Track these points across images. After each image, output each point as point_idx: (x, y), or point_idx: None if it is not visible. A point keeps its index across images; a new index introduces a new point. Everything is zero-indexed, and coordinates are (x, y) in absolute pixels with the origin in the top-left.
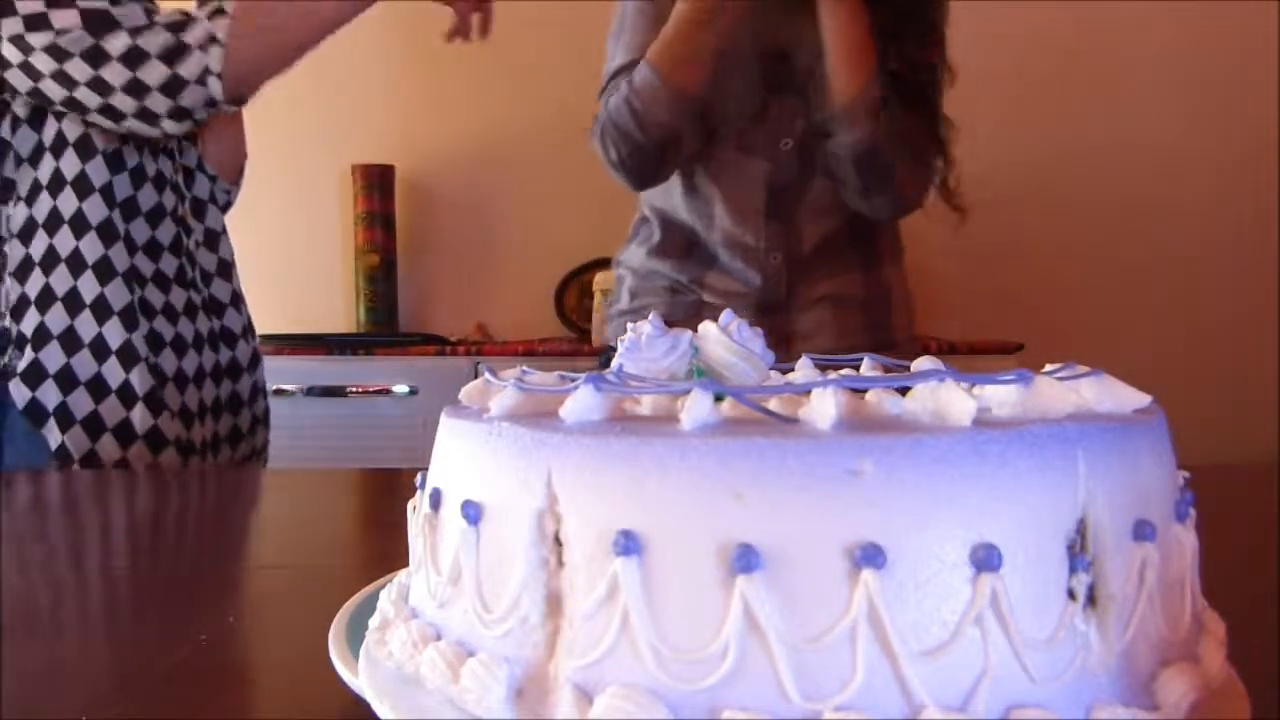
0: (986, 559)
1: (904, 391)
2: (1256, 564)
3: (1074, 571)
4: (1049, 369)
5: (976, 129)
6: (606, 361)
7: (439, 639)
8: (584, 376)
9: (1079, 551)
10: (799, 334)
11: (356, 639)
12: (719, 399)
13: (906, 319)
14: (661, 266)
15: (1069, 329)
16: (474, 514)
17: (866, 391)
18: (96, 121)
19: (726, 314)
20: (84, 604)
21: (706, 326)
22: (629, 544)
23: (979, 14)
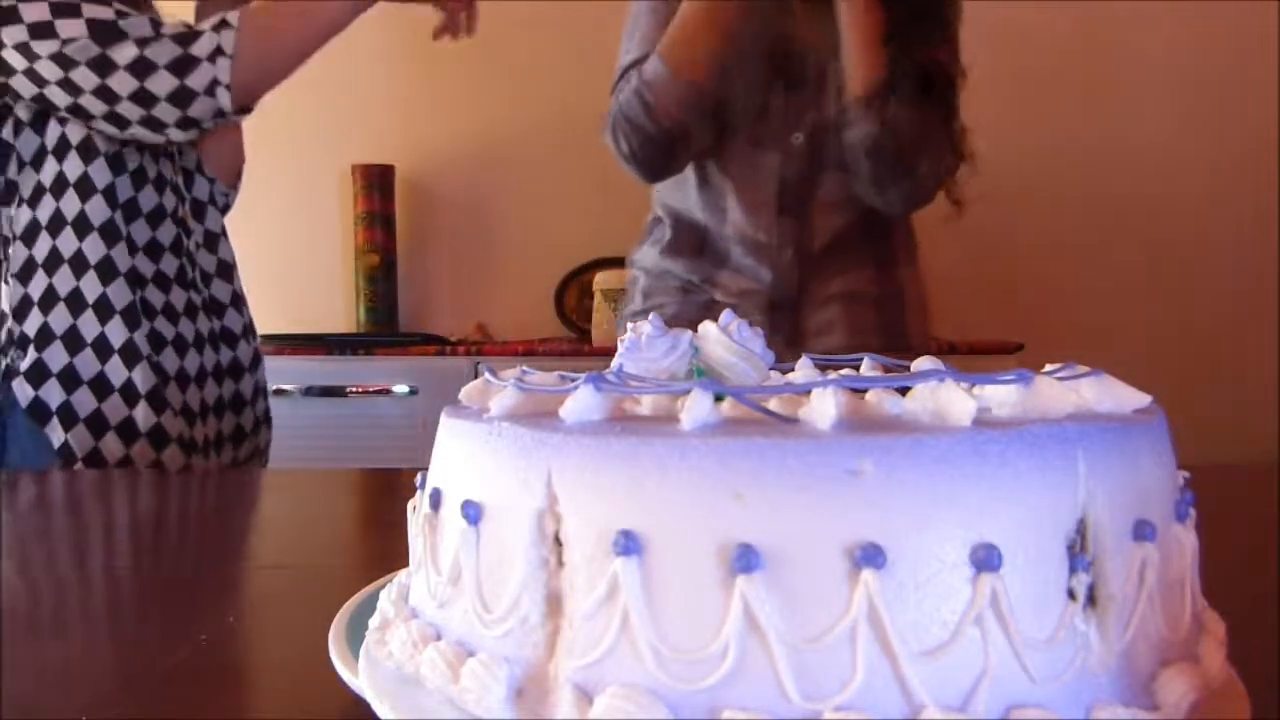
0: (986, 559)
1: (904, 391)
2: (1256, 564)
3: (1074, 571)
4: (1049, 369)
5: (975, 129)
6: None
7: (439, 639)
8: (584, 376)
9: (1079, 551)
10: (810, 332)
11: (356, 639)
12: (719, 399)
13: (921, 321)
14: (674, 266)
15: (1069, 329)
16: (474, 514)
17: (866, 391)
18: (100, 128)
19: (726, 314)
20: (85, 604)
21: (706, 326)
22: (629, 544)
23: (977, 13)
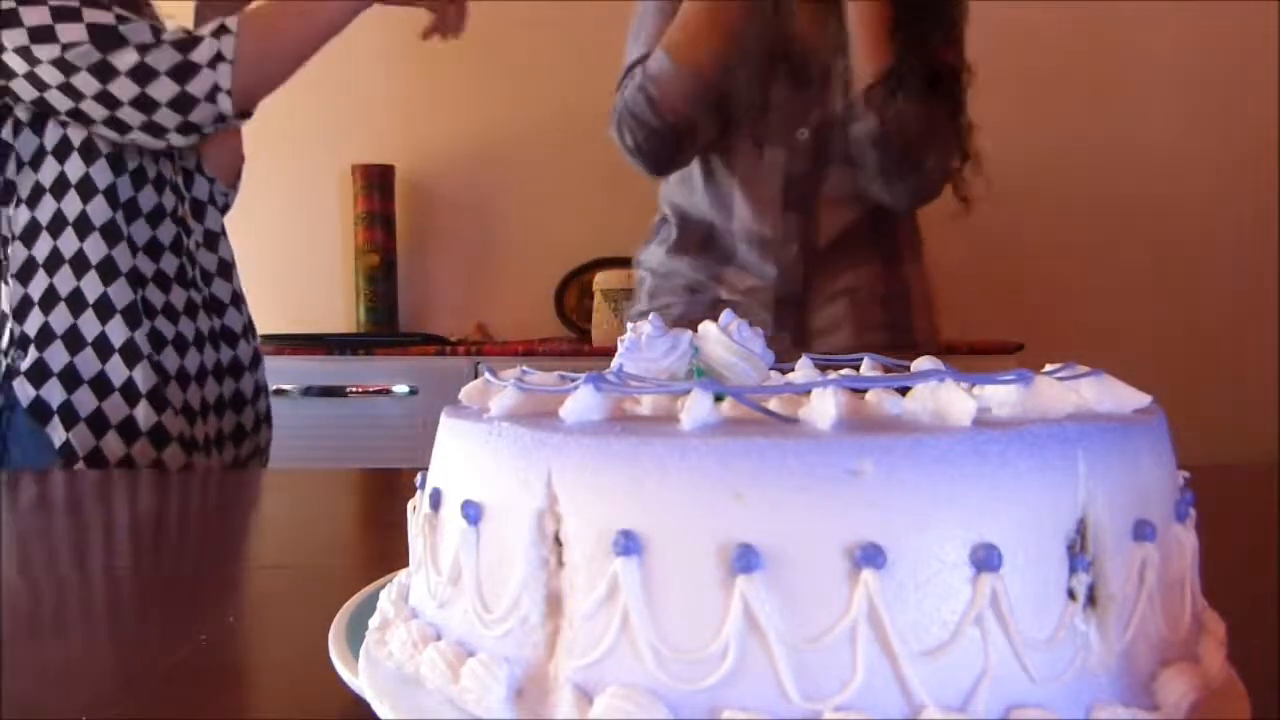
0: (986, 559)
1: (904, 391)
2: (1256, 564)
3: (1074, 571)
4: (1049, 369)
5: (978, 128)
6: None
7: (439, 639)
8: (584, 376)
9: (1079, 551)
10: (816, 331)
11: (356, 639)
12: (719, 399)
13: (927, 317)
14: (680, 265)
15: (1069, 329)
16: (474, 514)
17: (866, 391)
18: (101, 133)
19: (726, 314)
20: (85, 604)
21: (707, 326)
22: (629, 544)
23: (982, 13)
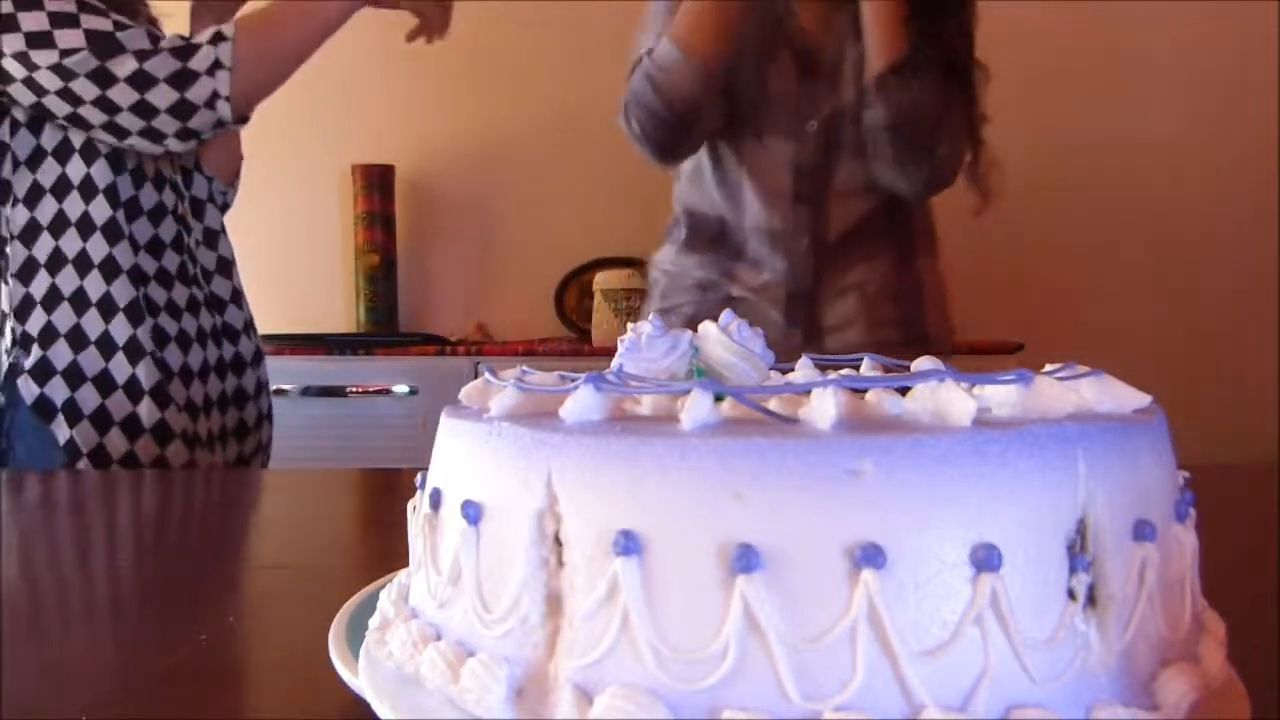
0: (986, 559)
1: (904, 391)
2: (1256, 564)
3: (1074, 571)
4: (1049, 369)
5: (988, 120)
6: None
7: (439, 639)
8: (584, 376)
9: (1079, 551)
10: (828, 328)
11: (356, 639)
12: (719, 399)
13: (941, 314)
14: (690, 263)
15: (1069, 329)
16: (474, 514)
17: (866, 391)
18: (99, 137)
19: (726, 314)
20: (85, 604)
21: (707, 326)
22: (629, 544)
23: (984, 12)
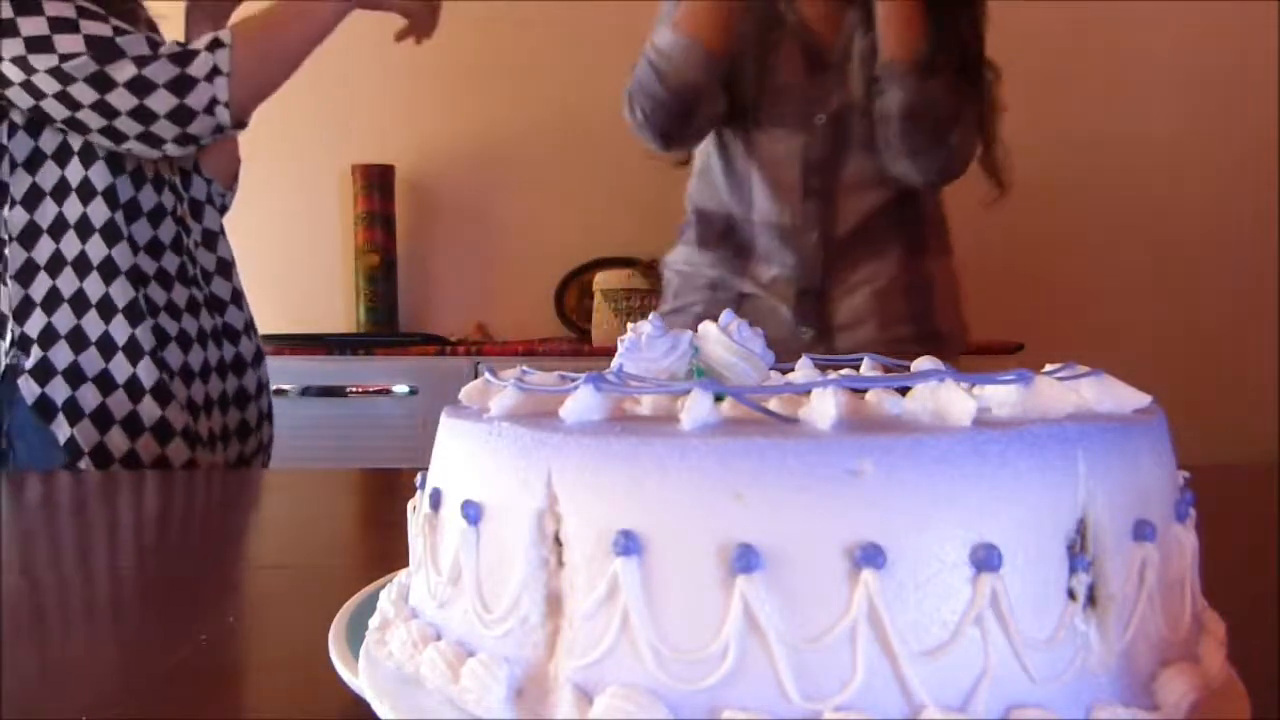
0: (986, 559)
1: (904, 391)
2: (1256, 564)
3: (1074, 571)
4: (1049, 369)
5: (1004, 110)
6: None
7: (439, 639)
8: (584, 376)
9: (1079, 551)
10: (840, 326)
11: (356, 639)
12: (719, 399)
13: (954, 312)
14: (703, 261)
15: (1069, 329)
16: (474, 514)
17: (866, 391)
18: (96, 141)
19: (726, 314)
20: (85, 604)
21: (706, 326)
22: (629, 544)
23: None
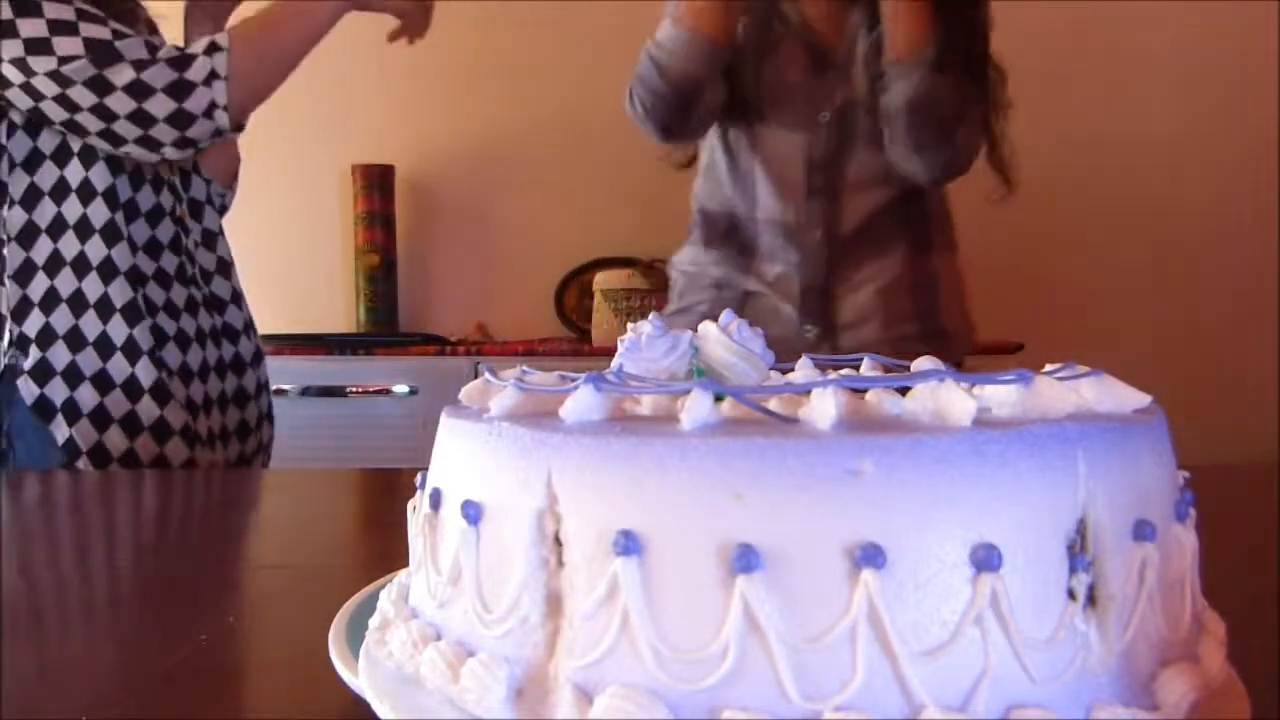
0: (986, 559)
1: (904, 391)
2: (1256, 564)
3: (1074, 571)
4: (1049, 369)
5: (1012, 106)
6: None
7: (439, 639)
8: (584, 376)
9: (1079, 551)
10: (844, 324)
11: (356, 639)
12: (719, 399)
13: (960, 310)
14: (708, 260)
15: (1069, 329)
16: (474, 514)
17: (866, 391)
18: (95, 143)
19: (726, 314)
20: (85, 604)
21: (706, 326)
22: (629, 544)
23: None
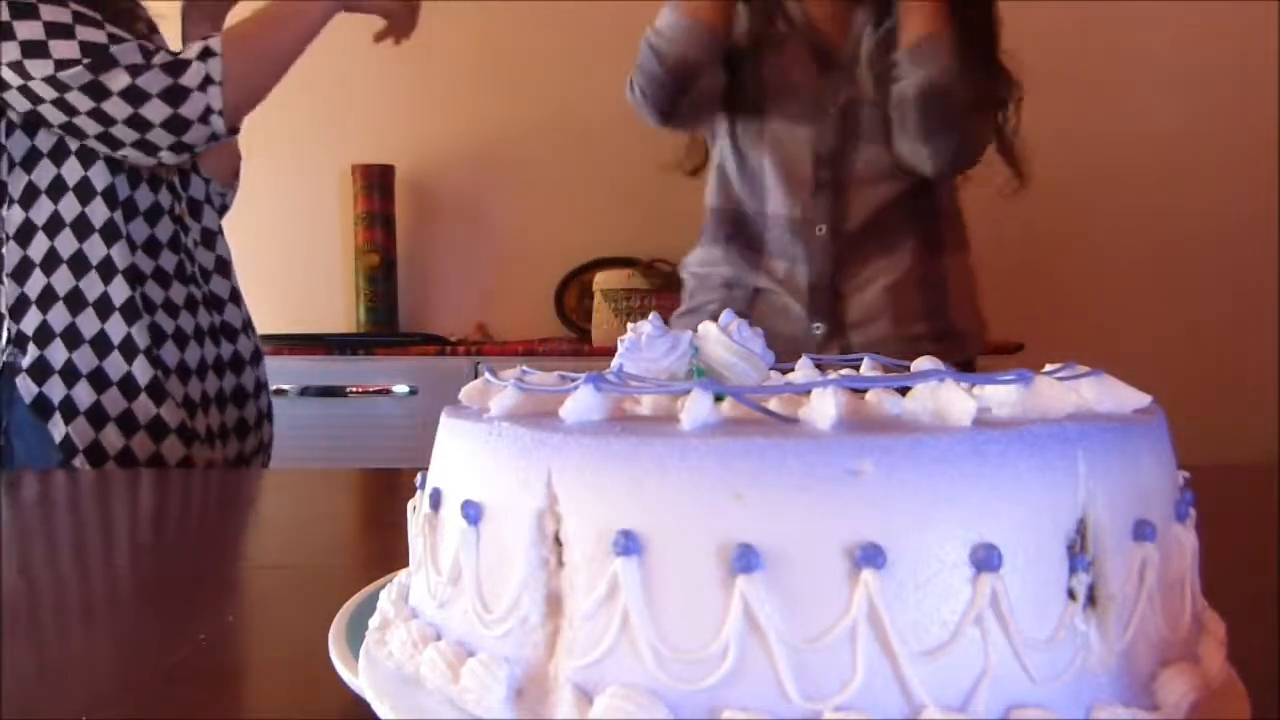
0: (986, 559)
1: (904, 391)
2: (1256, 564)
3: (1074, 571)
4: (1049, 369)
5: (1023, 98)
6: None
7: (439, 639)
8: (584, 376)
9: (1079, 551)
10: (853, 322)
11: (356, 639)
12: (719, 399)
13: (971, 309)
14: (716, 261)
15: (1069, 329)
16: (474, 514)
17: (866, 391)
18: (93, 146)
19: (727, 314)
20: (84, 604)
21: (707, 326)
22: (629, 544)
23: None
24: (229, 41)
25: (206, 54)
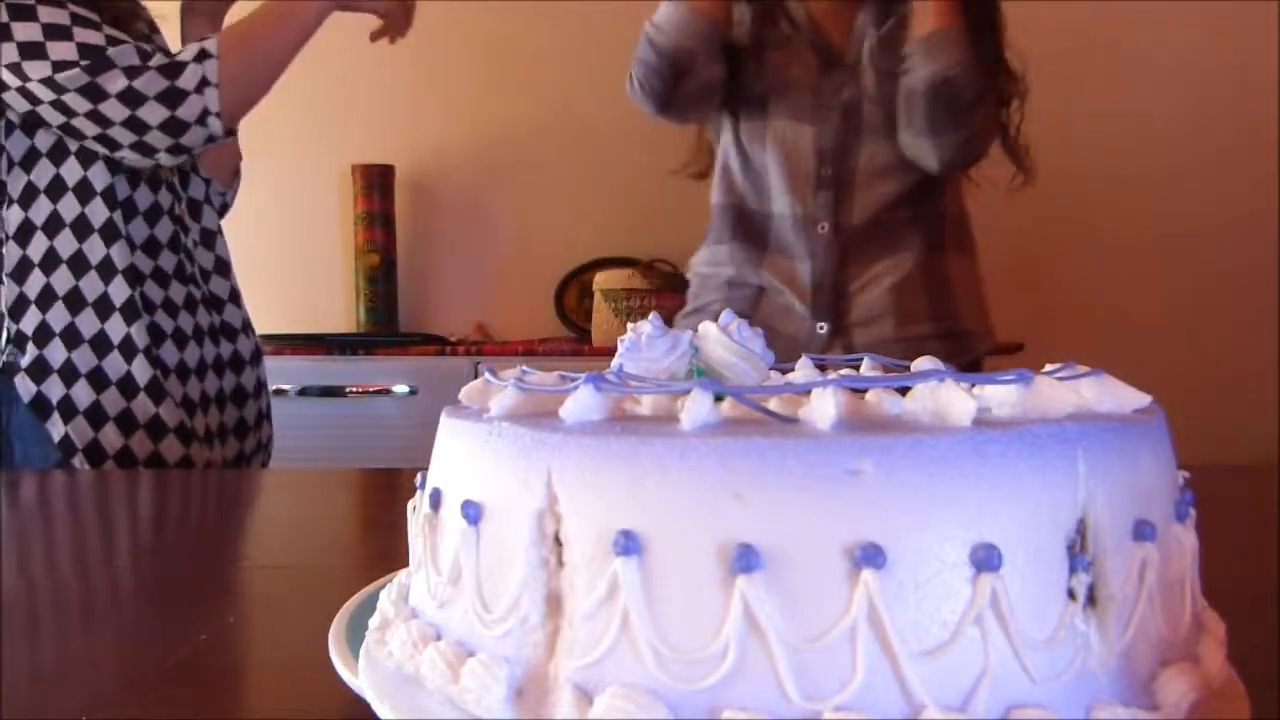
0: (986, 559)
1: (904, 391)
2: (1256, 564)
3: (1074, 571)
4: (1049, 369)
5: (1027, 90)
6: None
7: (439, 639)
8: (584, 376)
9: (1079, 551)
10: (856, 322)
11: (356, 639)
12: (719, 399)
13: (977, 310)
14: (722, 258)
15: (1069, 329)
16: (474, 514)
17: (866, 391)
18: (92, 147)
19: (727, 314)
20: (85, 604)
21: (707, 326)
22: (629, 544)
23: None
24: (225, 43)
25: (203, 56)
